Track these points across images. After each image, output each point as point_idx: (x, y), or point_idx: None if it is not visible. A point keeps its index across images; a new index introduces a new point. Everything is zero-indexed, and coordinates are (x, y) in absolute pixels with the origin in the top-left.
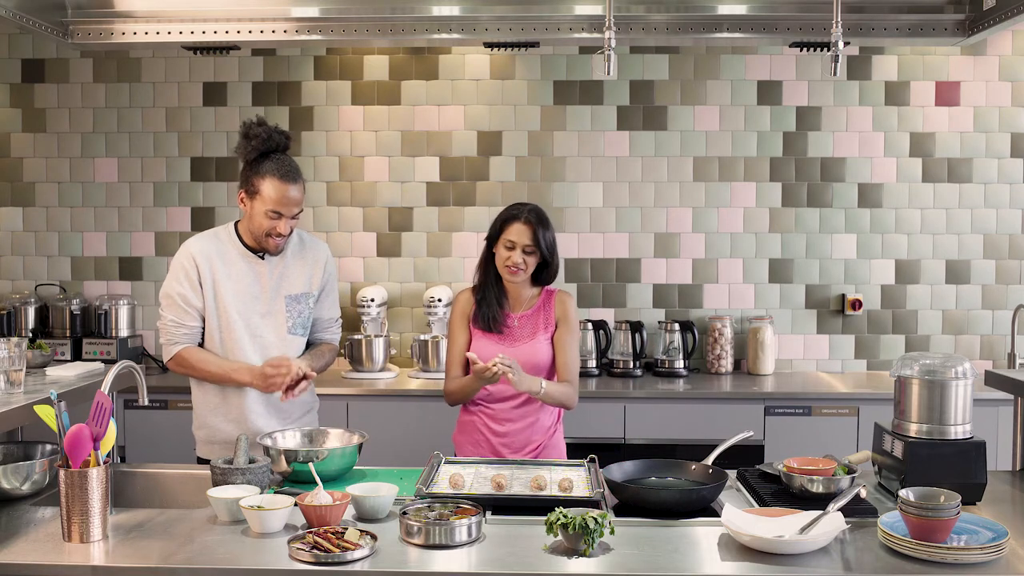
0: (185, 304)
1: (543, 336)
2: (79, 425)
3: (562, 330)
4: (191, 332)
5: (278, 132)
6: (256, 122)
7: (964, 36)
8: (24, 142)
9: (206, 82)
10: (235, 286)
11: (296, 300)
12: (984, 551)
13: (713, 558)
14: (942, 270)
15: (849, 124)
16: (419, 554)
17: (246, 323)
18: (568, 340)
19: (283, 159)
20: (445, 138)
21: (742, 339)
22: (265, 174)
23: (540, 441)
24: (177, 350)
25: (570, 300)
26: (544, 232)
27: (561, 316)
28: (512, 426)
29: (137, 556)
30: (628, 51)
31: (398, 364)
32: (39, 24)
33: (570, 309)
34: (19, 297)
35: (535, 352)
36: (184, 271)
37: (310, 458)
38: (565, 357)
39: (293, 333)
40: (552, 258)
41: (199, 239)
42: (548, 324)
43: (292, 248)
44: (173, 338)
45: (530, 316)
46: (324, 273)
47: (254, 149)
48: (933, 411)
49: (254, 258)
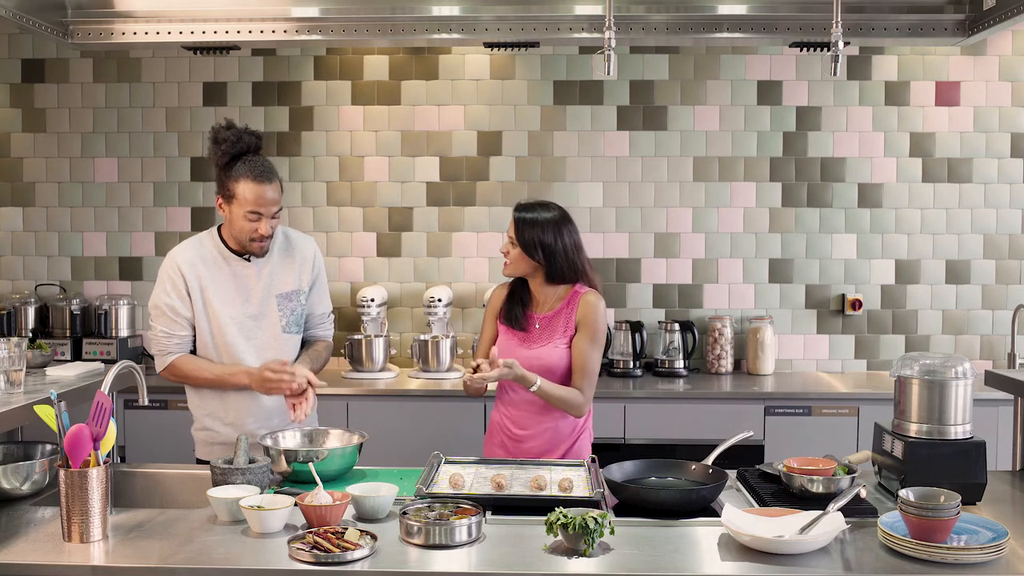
0: (173, 315)
1: (561, 340)
2: (79, 425)
3: (581, 334)
4: (182, 341)
5: (248, 133)
6: (224, 126)
7: (964, 36)
8: (24, 142)
9: (206, 82)
10: (224, 291)
11: (287, 298)
12: (984, 551)
13: (713, 558)
14: (942, 270)
15: (849, 124)
16: (419, 554)
17: (239, 326)
18: (584, 345)
19: (255, 160)
20: (445, 138)
21: (742, 339)
22: (239, 177)
23: (561, 448)
24: (170, 360)
25: (594, 303)
26: (528, 227)
27: (581, 319)
28: (529, 431)
29: (137, 556)
30: (628, 51)
31: (398, 364)
32: (39, 24)
33: (591, 312)
34: (19, 297)
35: (549, 355)
36: (171, 281)
37: (310, 458)
38: (579, 362)
39: (288, 331)
40: (545, 256)
41: (183, 248)
42: (568, 327)
43: (278, 246)
44: (165, 348)
45: (551, 318)
46: (313, 269)
47: (224, 153)
48: (933, 411)
49: (240, 261)
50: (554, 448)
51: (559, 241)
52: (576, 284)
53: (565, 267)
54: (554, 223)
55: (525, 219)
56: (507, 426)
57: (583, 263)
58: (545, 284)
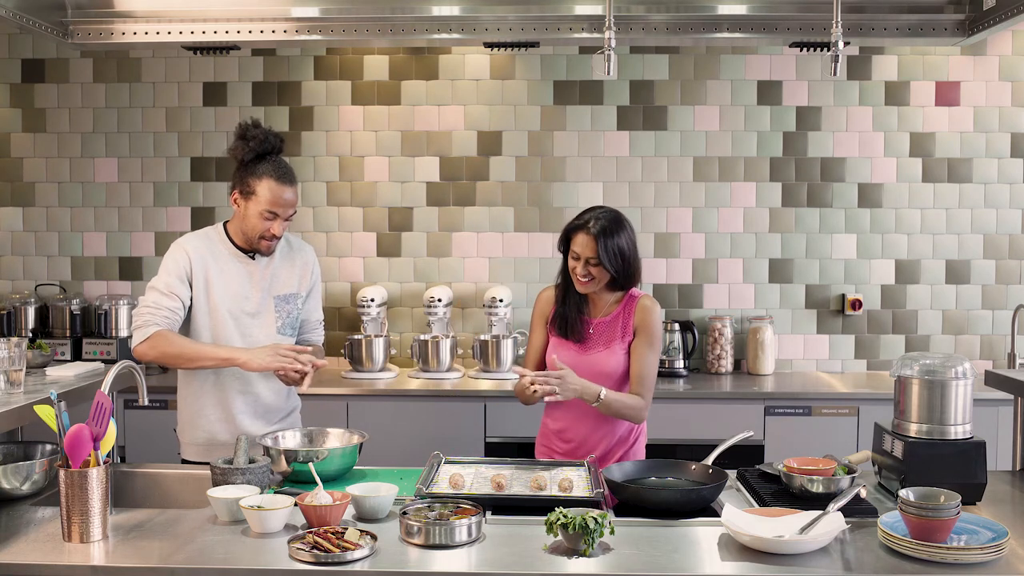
0: (168, 290)
1: (619, 345)
2: (79, 425)
3: (639, 339)
4: (169, 316)
5: (273, 135)
6: (252, 124)
7: (964, 36)
8: (24, 142)
9: (206, 82)
10: (226, 285)
11: (285, 300)
12: (984, 551)
13: (713, 558)
14: (942, 270)
15: (849, 124)
16: (419, 554)
17: (236, 322)
18: (644, 351)
19: (280, 161)
20: (445, 138)
21: (742, 339)
22: (262, 175)
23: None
24: (152, 331)
25: (652, 308)
26: (609, 242)
27: (640, 325)
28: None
29: (137, 556)
30: (628, 51)
31: (398, 364)
32: (39, 24)
33: (650, 318)
34: (19, 297)
35: (608, 361)
36: (176, 263)
37: (310, 458)
38: (639, 368)
39: (282, 333)
40: (623, 267)
41: (192, 238)
42: (626, 332)
43: (281, 250)
44: (149, 320)
45: (608, 323)
46: (312, 276)
47: (251, 151)
48: (933, 411)
49: (245, 258)
50: (611, 455)
51: (630, 247)
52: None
53: (635, 271)
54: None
55: (605, 236)
56: (561, 432)
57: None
58: (609, 290)
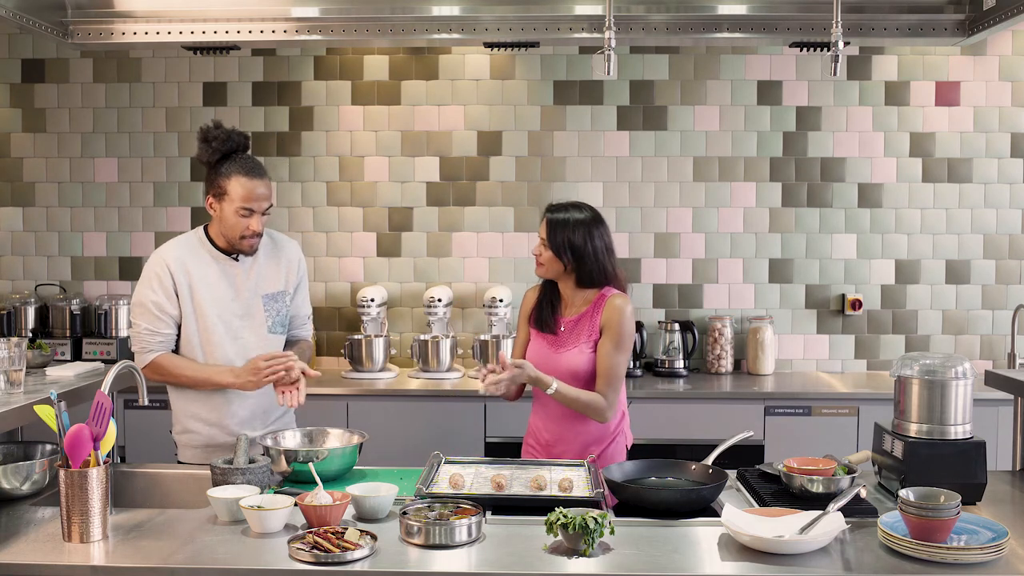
0: (159, 312)
1: (586, 344)
2: (79, 425)
3: (605, 338)
4: (165, 340)
5: (237, 133)
6: (214, 125)
7: (964, 36)
8: (24, 142)
9: (206, 82)
10: (211, 290)
11: (273, 299)
12: (984, 551)
13: (713, 558)
14: (942, 270)
15: (849, 124)
16: (419, 554)
17: (226, 326)
18: (608, 349)
19: (247, 157)
20: (445, 138)
21: (742, 339)
22: (231, 174)
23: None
24: (152, 358)
25: (619, 306)
26: (560, 230)
27: (606, 323)
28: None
29: (137, 556)
30: (628, 51)
31: (398, 364)
32: (39, 24)
33: (616, 316)
34: (19, 297)
35: (576, 360)
36: (158, 279)
37: (310, 458)
38: (601, 366)
39: (273, 332)
40: (575, 259)
41: (171, 246)
42: (593, 331)
43: (264, 248)
44: (147, 346)
45: (576, 321)
46: (298, 271)
47: (215, 151)
48: (933, 411)
49: (228, 260)
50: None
51: (589, 243)
52: (604, 287)
53: (595, 270)
54: (585, 224)
55: (556, 220)
56: (539, 430)
57: (613, 266)
58: (575, 287)
